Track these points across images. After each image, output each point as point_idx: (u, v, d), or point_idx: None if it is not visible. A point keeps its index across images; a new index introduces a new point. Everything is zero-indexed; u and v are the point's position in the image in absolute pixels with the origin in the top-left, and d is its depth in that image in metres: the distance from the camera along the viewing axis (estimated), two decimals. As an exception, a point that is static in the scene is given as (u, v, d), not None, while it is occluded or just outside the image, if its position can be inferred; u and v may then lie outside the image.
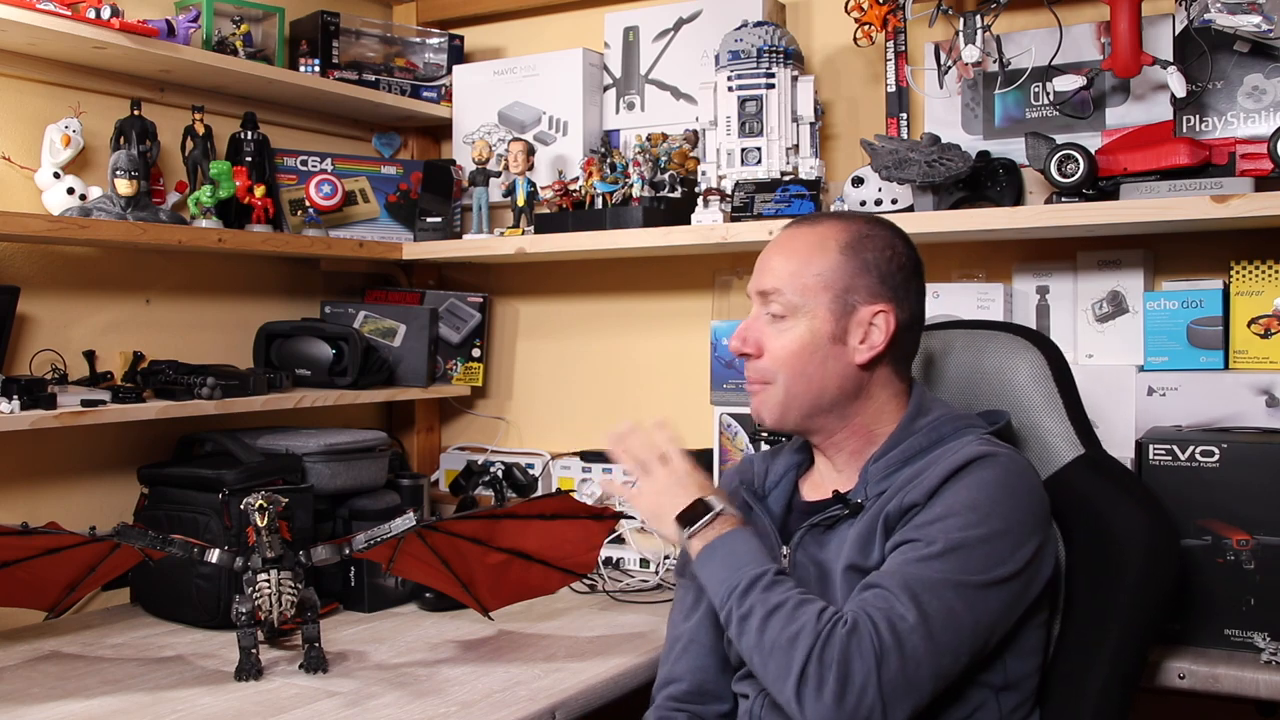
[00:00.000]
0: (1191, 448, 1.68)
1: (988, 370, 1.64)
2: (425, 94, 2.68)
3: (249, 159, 2.38)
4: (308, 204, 2.48)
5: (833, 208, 2.21)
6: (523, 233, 2.43)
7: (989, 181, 2.07)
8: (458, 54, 2.72)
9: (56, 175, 2.08)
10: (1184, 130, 1.91)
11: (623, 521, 2.36)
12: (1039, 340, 1.64)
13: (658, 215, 2.26)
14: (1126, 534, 1.47)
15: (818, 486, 1.53)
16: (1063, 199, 1.94)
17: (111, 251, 2.22)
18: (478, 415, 2.79)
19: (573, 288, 2.67)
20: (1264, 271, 1.89)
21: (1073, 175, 1.91)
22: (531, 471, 2.57)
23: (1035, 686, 1.44)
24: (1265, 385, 1.81)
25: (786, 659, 1.25)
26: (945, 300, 2.10)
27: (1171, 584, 1.53)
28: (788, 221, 1.59)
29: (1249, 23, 1.78)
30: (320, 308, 2.61)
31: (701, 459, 2.10)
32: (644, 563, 2.34)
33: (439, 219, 2.60)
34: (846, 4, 2.13)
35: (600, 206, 2.34)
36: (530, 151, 2.43)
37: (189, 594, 2.00)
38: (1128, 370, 1.94)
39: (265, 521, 1.69)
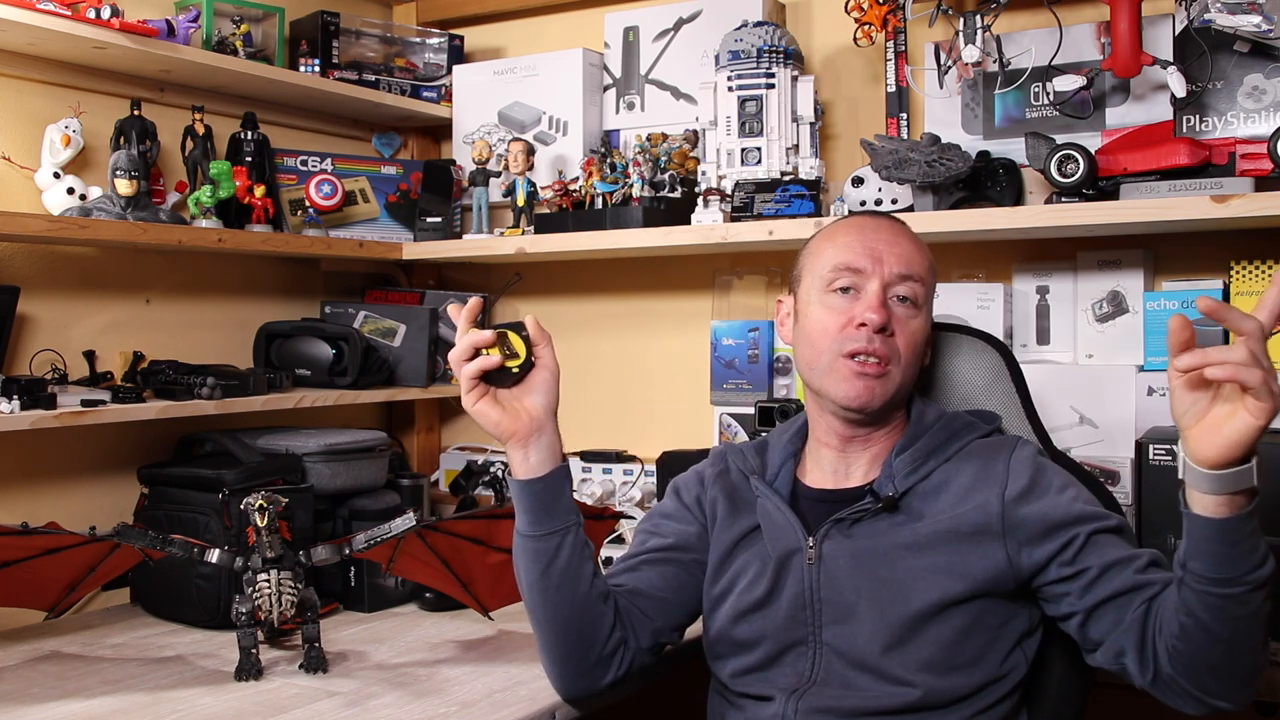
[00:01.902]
0: (1191, 448, 1.67)
1: (949, 372, 1.68)
2: (425, 94, 2.68)
3: (249, 159, 2.38)
4: (308, 204, 2.48)
5: (832, 208, 2.21)
6: (523, 233, 2.43)
7: (989, 181, 2.07)
8: (458, 54, 2.72)
9: (56, 175, 2.08)
10: (1184, 130, 1.91)
11: (622, 521, 2.36)
12: (993, 341, 1.69)
13: (658, 215, 2.26)
14: None
15: (822, 476, 1.54)
16: (1063, 199, 1.94)
17: (111, 251, 2.22)
18: (478, 415, 2.79)
19: (573, 288, 2.67)
20: (1264, 271, 1.89)
21: (1073, 175, 1.91)
22: (531, 471, 2.56)
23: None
24: (1265, 385, 1.81)
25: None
26: (945, 300, 2.10)
27: None
28: (853, 215, 1.61)
29: (1249, 23, 1.78)
30: (320, 308, 2.61)
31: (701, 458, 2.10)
32: (644, 563, 2.34)
33: (439, 219, 2.60)
34: (846, 4, 2.13)
35: (600, 206, 2.34)
36: (530, 151, 2.43)
37: (189, 594, 2.00)
38: (1128, 370, 1.94)
39: (265, 521, 1.69)
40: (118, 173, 2.05)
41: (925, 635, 1.39)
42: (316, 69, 2.45)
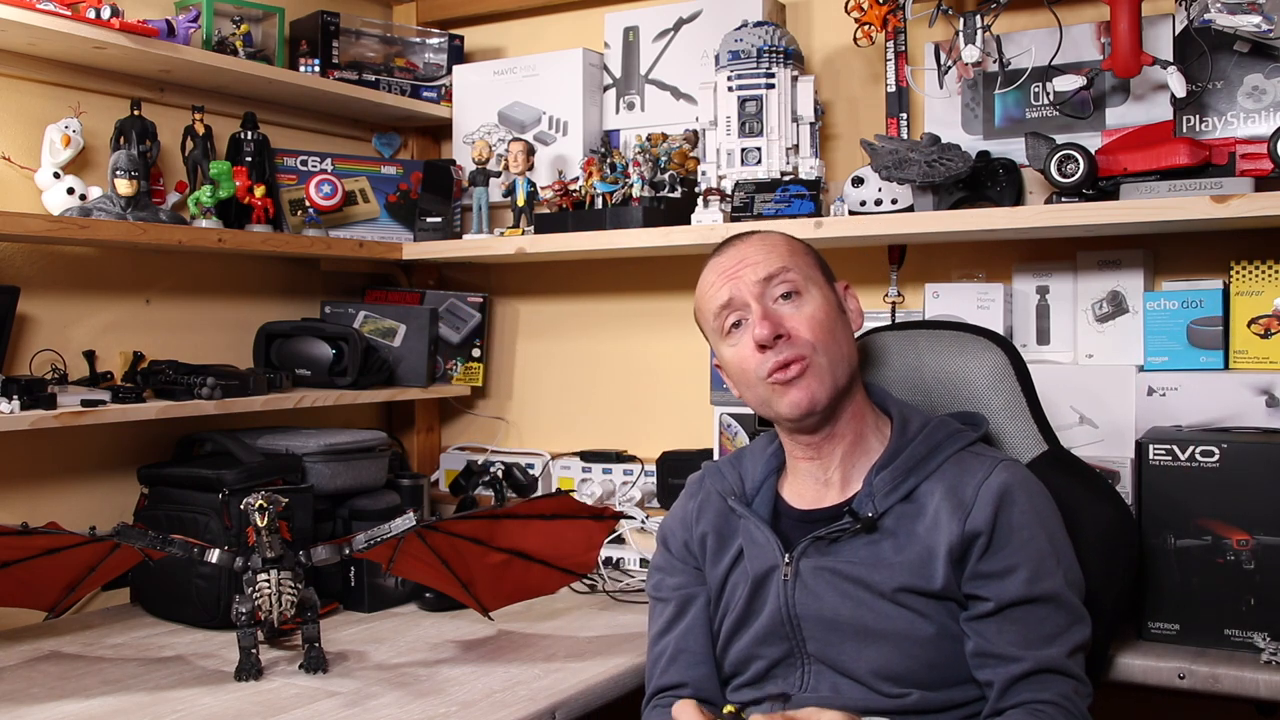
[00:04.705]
0: (1191, 448, 1.68)
1: (952, 370, 1.66)
2: (425, 94, 2.68)
3: (249, 159, 2.38)
4: (308, 204, 2.48)
5: (832, 208, 2.20)
6: (523, 233, 2.43)
7: (989, 181, 2.07)
8: (458, 54, 2.72)
9: (56, 175, 2.08)
10: (1184, 130, 1.91)
11: (622, 521, 2.36)
12: (999, 340, 1.68)
13: (658, 215, 2.26)
14: (1090, 528, 1.52)
15: (803, 494, 1.53)
16: (1063, 199, 1.94)
17: (111, 251, 2.22)
18: (478, 415, 2.80)
19: (573, 288, 2.67)
20: (1264, 271, 1.89)
21: (1073, 175, 1.91)
22: (531, 471, 2.57)
23: None
24: (1265, 385, 1.81)
25: None
26: (945, 300, 2.10)
27: (1131, 576, 1.61)
28: (712, 256, 1.58)
29: (1249, 23, 1.78)
30: (320, 308, 2.61)
31: (701, 458, 2.11)
32: (644, 563, 2.34)
33: (439, 219, 2.60)
34: (846, 4, 2.13)
35: (600, 206, 2.34)
36: (530, 151, 2.43)
37: (189, 594, 2.00)
38: (1128, 370, 1.94)
39: (265, 521, 1.69)
40: (118, 173, 2.05)
41: (911, 653, 1.38)
42: (316, 69, 2.45)
